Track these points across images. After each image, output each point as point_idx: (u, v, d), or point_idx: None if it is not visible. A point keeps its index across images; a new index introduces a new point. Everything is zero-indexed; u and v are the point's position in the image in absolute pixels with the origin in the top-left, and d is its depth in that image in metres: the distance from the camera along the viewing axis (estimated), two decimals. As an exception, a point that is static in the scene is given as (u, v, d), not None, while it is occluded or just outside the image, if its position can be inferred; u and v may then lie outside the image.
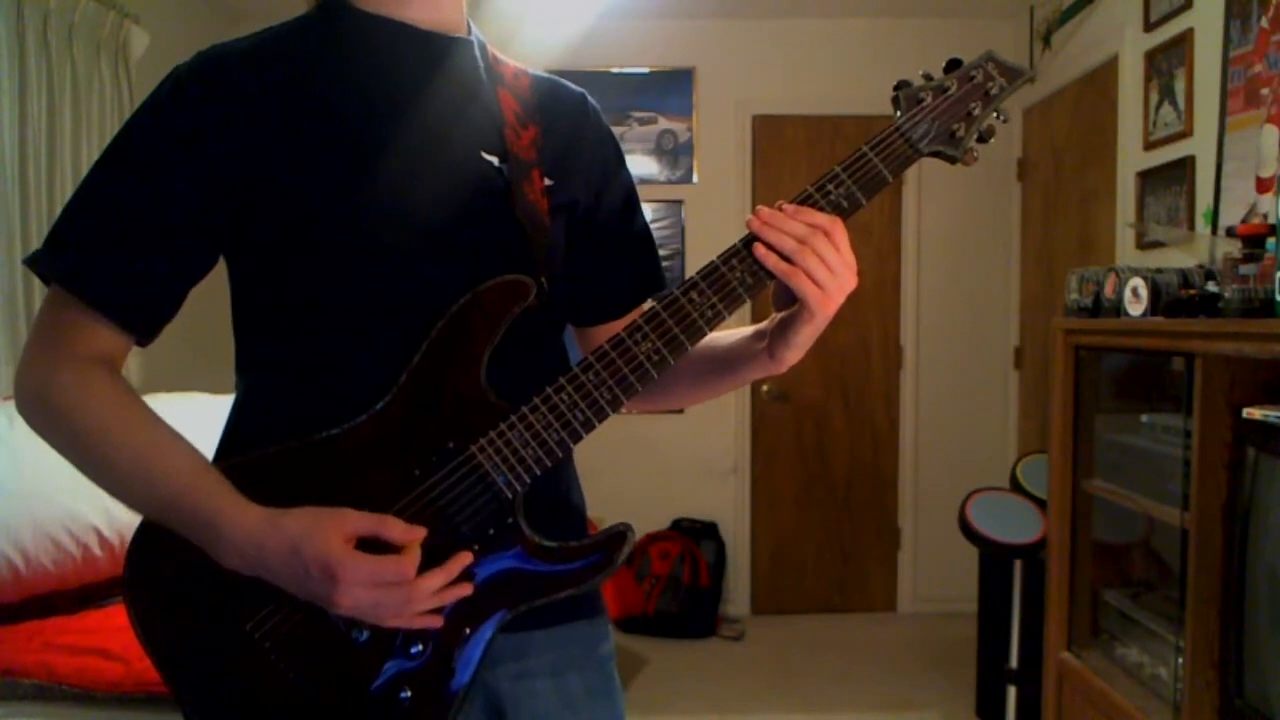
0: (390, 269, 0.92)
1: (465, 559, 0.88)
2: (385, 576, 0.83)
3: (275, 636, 0.89)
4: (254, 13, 3.77)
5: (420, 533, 0.86)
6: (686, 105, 4.27)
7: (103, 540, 2.12)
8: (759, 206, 0.90)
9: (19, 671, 1.80)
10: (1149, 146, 3.01)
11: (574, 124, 1.06)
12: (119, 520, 2.13)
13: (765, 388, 4.32)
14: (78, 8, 2.83)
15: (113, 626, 1.98)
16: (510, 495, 0.89)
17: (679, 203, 4.27)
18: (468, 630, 0.89)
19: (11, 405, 2.31)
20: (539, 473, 0.90)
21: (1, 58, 2.58)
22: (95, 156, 2.96)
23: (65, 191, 2.80)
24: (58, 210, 2.74)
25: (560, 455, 0.90)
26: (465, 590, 0.88)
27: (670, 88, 4.27)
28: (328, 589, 0.82)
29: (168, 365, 2.63)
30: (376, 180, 0.91)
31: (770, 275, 0.89)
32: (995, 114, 0.96)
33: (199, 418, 0.95)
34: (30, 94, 2.66)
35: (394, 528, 0.85)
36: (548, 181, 0.99)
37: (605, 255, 1.08)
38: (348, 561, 0.82)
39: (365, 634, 0.88)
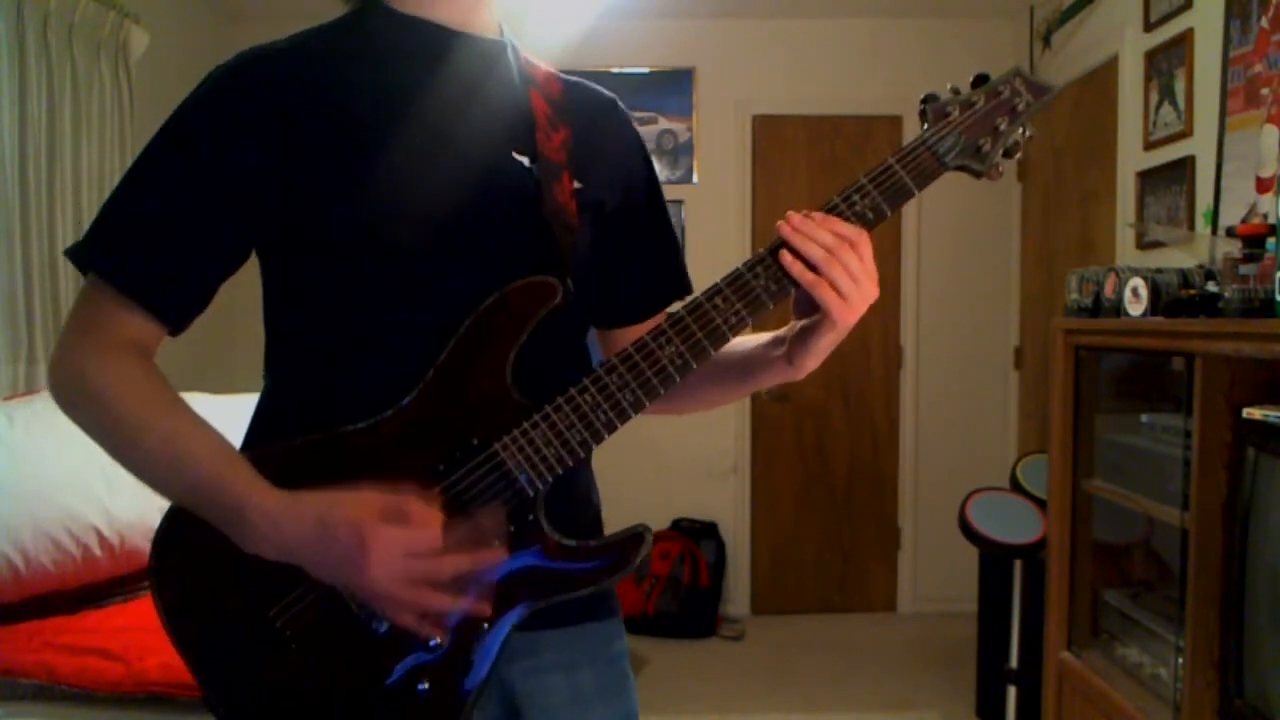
0: (417, 267, 0.93)
1: (500, 554, 0.88)
2: (415, 546, 0.84)
3: (296, 626, 0.90)
4: (254, 13, 3.77)
5: (438, 515, 0.86)
6: (686, 105, 4.28)
7: (103, 540, 2.12)
8: (789, 212, 0.90)
9: (19, 671, 1.80)
10: (1149, 146, 3.01)
11: (604, 128, 1.07)
12: (119, 520, 2.13)
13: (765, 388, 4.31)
14: (78, 8, 2.83)
15: (113, 626, 1.98)
16: (531, 493, 0.90)
17: (679, 203, 4.27)
18: (485, 625, 0.91)
19: (11, 405, 2.32)
20: (560, 472, 0.91)
21: (1, 58, 2.58)
22: (95, 156, 2.95)
23: (65, 191, 2.80)
24: (58, 210, 2.78)
25: (582, 455, 0.91)
26: (485, 611, 0.89)
27: (670, 88, 4.27)
28: (358, 558, 0.83)
29: (168, 365, 2.63)
30: (404, 179, 0.92)
31: (795, 283, 0.90)
32: (1021, 129, 0.96)
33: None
34: (30, 94, 2.66)
35: (414, 506, 0.86)
36: (576, 184, 1.00)
37: (630, 258, 1.09)
38: (378, 528, 0.83)
39: (385, 625, 0.89)
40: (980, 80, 0.97)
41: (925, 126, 0.95)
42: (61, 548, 2.08)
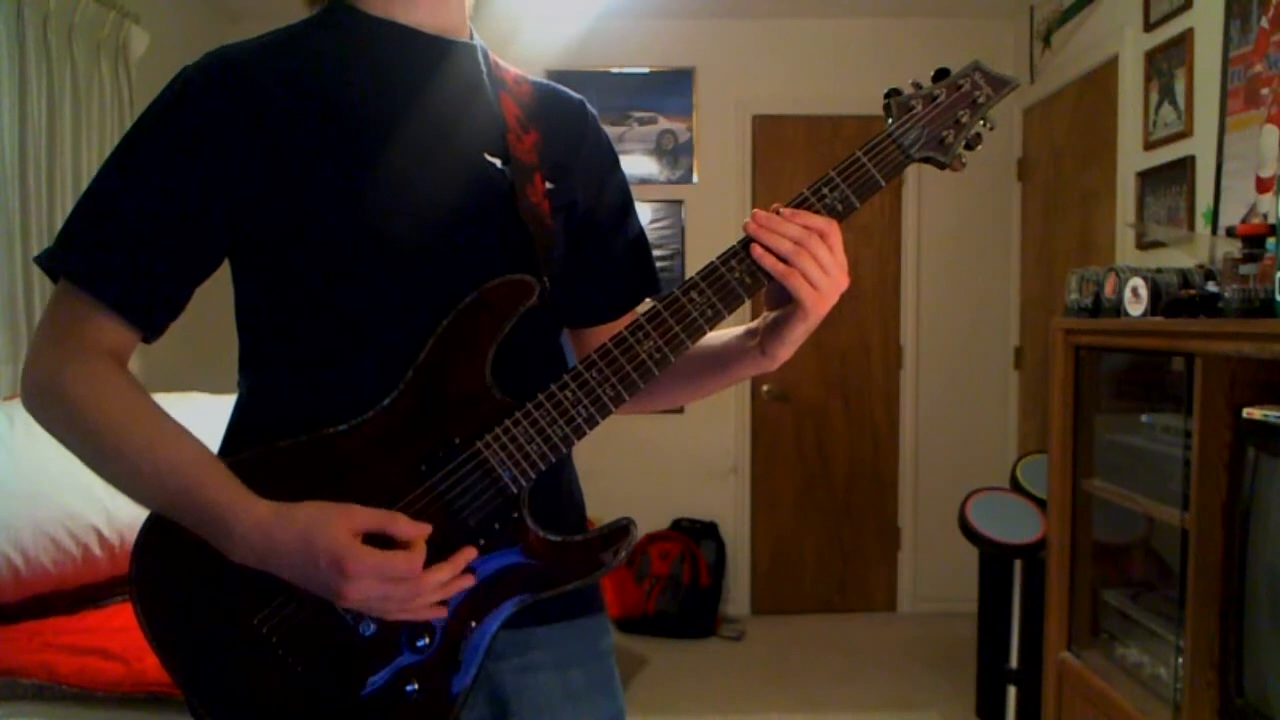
0: (393, 267, 0.93)
1: (470, 554, 0.89)
2: (393, 571, 0.84)
3: (282, 631, 0.89)
4: (254, 12, 3.77)
5: (426, 529, 0.87)
6: (686, 105, 4.28)
7: (103, 540, 2.12)
8: (755, 210, 0.92)
9: (19, 671, 1.80)
10: (1149, 146, 3.01)
11: (574, 130, 1.08)
12: (119, 520, 2.13)
13: (765, 388, 4.32)
14: (78, 8, 2.83)
15: (112, 627, 1.98)
16: (515, 490, 0.91)
17: (679, 203, 4.27)
18: (474, 624, 0.91)
19: (11, 405, 2.32)
20: (543, 468, 0.91)
21: (1, 58, 2.58)
22: (95, 156, 2.94)
23: (65, 191, 2.80)
24: (58, 210, 2.77)
25: (564, 451, 0.92)
26: (468, 581, 0.89)
27: (670, 88, 4.27)
28: (336, 581, 0.83)
29: (168, 365, 2.63)
30: (379, 179, 0.92)
31: (768, 275, 0.91)
32: (983, 121, 0.98)
33: (198, 418, 0.95)
34: (30, 94, 2.66)
35: (401, 524, 0.86)
36: (549, 185, 1.01)
37: (601, 258, 1.09)
38: (357, 554, 0.83)
39: (372, 628, 0.89)
40: (941, 74, 0.99)
41: (890, 120, 0.96)
42: (61, 548, 2.08)
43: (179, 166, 0.90)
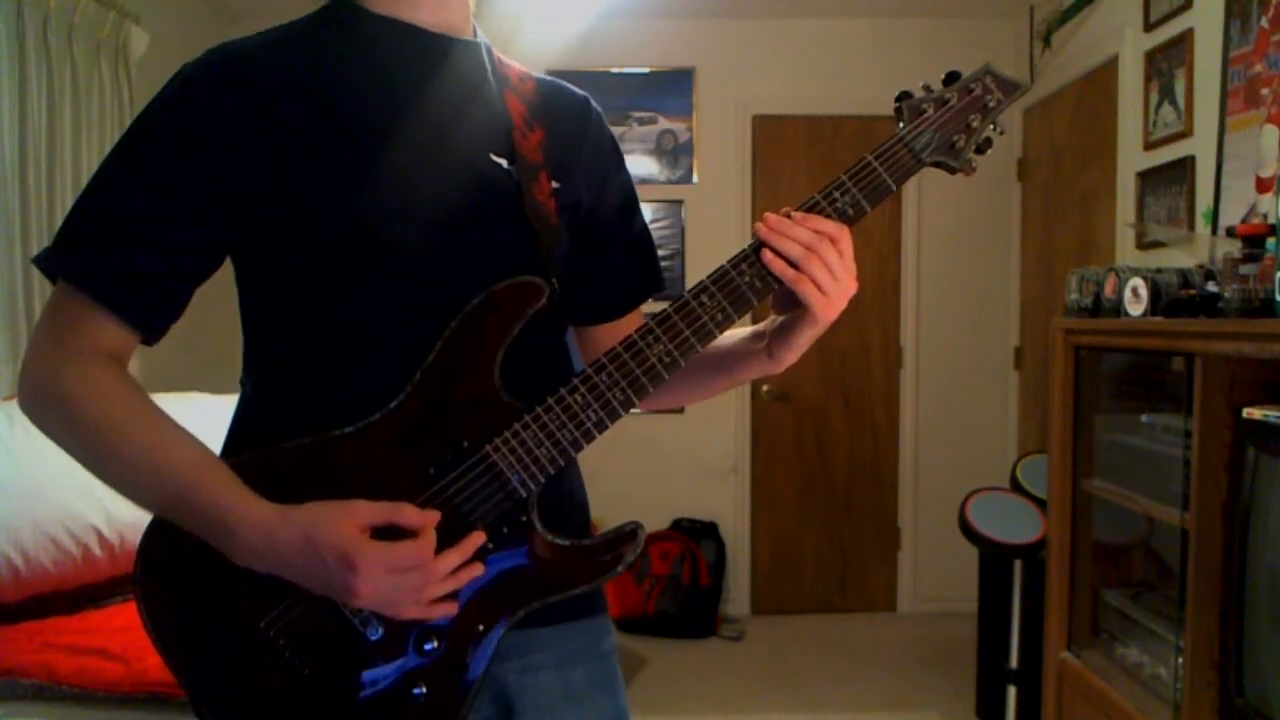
0: (399, 268, 0.92)
1: (478, 539, 0.89)
2: (403, 561, 0.84)
3: (290, 633, 0.89)
4: (254, 12, 3.77)
5: (434, 516, 0.87)
6: (686, 105, 4.27)
7: (102, 540, 2.12)
8: (767, 213, 0.92)
9: (19, 671, 1.80)
10: (1149, 146, 3.01)
11: (578, 127, 1.07)
12: (119, 520, 2.13)
13: (765, 388, 4.32)
14: (78, 8, 2.83)
15: (112, 627, 1.98)
16: (524, 494, 0.90)
17: (679, 203, 4.27)
18: (481, 627, 0.91)
19: (11, 405, 2.32)
20: (552, 472, 0.91)
21: (1, 58, 2.58)
22: (95, 156, 2.95)
23: (65, 191, 2.80)
24: (58, 210, 2.77)
25: (573, 455, 0.91)
26: (478, 570, 0.89)
27: (670, 88, 4.27)
28: (348, 578, 0.83)
29: (168, 365, 2.63)
30: (383, 179, 0.92)
31: (778, 280, 0.90)
32: (993, 125, 0.98)
33: (199, 418, 0.95)
34: (30, 94, 2.66)
35: (408, 513, 0.86)
36: (554, 184, 1.00)
37: (605, 255, 1.09)
38: (365, 549, 0.83)
39: (380, 631, 0.89)
40: (952, 78, 0.98)
41: (901, 124, 0.96)
42: (61, 548, 2.08)
43: (179, 165, 0.89)
